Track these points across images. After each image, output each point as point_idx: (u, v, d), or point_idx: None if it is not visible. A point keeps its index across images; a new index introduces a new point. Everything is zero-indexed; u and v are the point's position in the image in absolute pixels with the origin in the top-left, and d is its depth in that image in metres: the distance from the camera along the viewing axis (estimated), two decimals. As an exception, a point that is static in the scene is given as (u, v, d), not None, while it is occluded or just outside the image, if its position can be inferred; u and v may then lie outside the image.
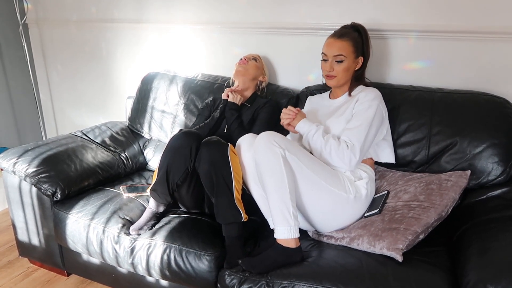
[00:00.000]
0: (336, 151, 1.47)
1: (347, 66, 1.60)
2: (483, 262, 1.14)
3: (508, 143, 1.53)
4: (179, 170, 1.53)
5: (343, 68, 1.59)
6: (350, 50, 1.58)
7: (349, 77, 1.64)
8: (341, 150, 1.47)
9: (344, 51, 1.58)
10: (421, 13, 1.77)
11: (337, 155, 1.47)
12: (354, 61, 1.61)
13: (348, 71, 1.61)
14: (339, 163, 1.49)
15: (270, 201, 1.38)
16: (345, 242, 1.41)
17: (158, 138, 2.27)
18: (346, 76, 1.62)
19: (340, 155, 1.47)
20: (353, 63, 1.61)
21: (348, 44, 1.58)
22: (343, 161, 1.48)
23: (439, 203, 1.38)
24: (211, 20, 2.26)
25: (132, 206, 1.73)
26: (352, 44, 1.59)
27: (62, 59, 2.93)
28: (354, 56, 1.60)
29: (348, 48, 1.58)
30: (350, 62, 1.60)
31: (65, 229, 1.70)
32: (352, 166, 1.49)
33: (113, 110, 2.84)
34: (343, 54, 1.58)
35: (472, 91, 1.68)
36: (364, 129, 1.49)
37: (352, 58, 1.60)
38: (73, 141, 2.04)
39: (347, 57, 1.58)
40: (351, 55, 1.59)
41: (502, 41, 1.67)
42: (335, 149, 1.48)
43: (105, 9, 2.59)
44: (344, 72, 1.60)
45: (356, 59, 1.61)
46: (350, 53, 1.59)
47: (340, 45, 1.58)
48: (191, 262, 1.46)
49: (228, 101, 1.88)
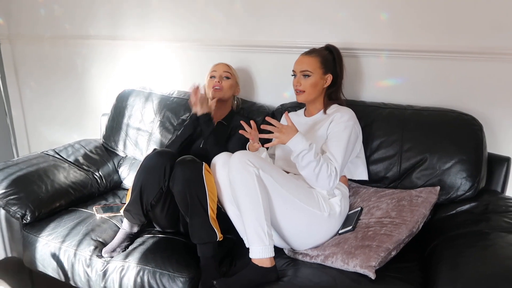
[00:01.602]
0: (326, 169, 1.45)
1: (314, 82, 1.62)
2: (452, 277, 1.16)
3: (476, 159, 1.58)
4: (153, 190, 1.51)
5: (310, 83, 1.62)
6: (317, 66, 1.62)
7: (318, 93, 1.66)
8: (329, 168, 1.46)
9: (310, 67, 1.61)
10: (392, 33, 1.82)
11: (326, 172, 1.45)
12: (321, 77, 1.63)
13: (315, 87, 1.63)
14: (324, 186, 1.49)
15: (244, 220, 1.38)
16: (320, 260, 1.42)
17: (134, 156, 2.24)
18: (314, 91, 1.64)
19: (328, 172, 1.46)
20: (321, 80, 1.63)
21: (315, 60, 1.62)
22: (330, 179, 1.46)
23: (410, 219, 1.40)
24: (187, 38, 2.27)
25: (105, 227, 1.69)
26: (319, 60, 1.62)
27: (36, 76, 2.88)
28: (322, 72, 1.63)
29: (314, 63, 1.61)
30: (317, 78, 1.62)
31: (35, 253, 1.65)
32: (332, 188, 1.52)
33: (87, 127, 2.80)
34: (309, 69, 1.61)
35: (441, 109, 1.73)
36: (342, 151, 1.50)
37: (319, 74, 1.62)
38: (44, 160, 1.99)
39: (314, 73, 1.61)
40: (318, 71, 1.62)
41: (468, 60, 1.73)
42: (325, 168, 1.45)
43: (79, 25, 2.57)
44: (311, 88, 1.63)
45: (324, 75, 1.63)
46: (317, 69, 1.62)
47: (307, 60, 1.62)
48: (165, 284, 1.44)
49: (199, 115, 1.74)
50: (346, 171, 1.65)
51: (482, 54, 1.69)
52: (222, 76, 1.89)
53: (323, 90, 1.67)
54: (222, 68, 1.92)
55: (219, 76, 1.88)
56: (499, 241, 1.25)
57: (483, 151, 1.60)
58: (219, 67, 1.92)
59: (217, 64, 1.95)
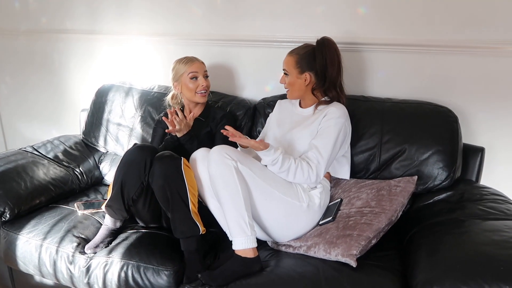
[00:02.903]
0: (301, 174, 1.48)
1: (292, 81, 1.62)
2: (430, 264, 1.20)
3: (452, 150, 1.63)
4: (134, 185, 1.50)
5: (288, 82, 1.63)
6: (292, 66, 1.61)
7: (301, 91, 1.64)
8: (306, 172, 1.47)
9: (287, 66, 1.63)
10: (370, 27, 1.85)
11: (303, 176, 1.48)
12: (298, 77, 1.61)
13: (294, 85, 1.63)
14: (305, 182, 1.51)
15: (226, 213, 1.39)
16: (303, 251, 1.44)
17: (115, 152, 2.22)
18: (295, 90, 1.64)
19: (305, 176, 1.48)
20: (298, 79, 1.61)
21: (291, 59, 1.61)
22: (309, 180, 1.49)
23: (389, 208, 1.44)
24: (167, 32, 2.25)
25: (87, 223, 1.68)
26: (294, 60, 1.60)
27: (11, 71, 2.81)
28: (297, 72, 1.60)
29: (290, 63, 1.61)
30: (294, 77, 1.62)
31: (15, 251, 1.63)
32: (316, 183, 1.54)
33: (67, 123, 2.75)
34: (286, 69, 1.63)
35: (418, 101, 1.77)
36: (330, 148, 1.51)
37: (295, 73, 1.61)
38: (23, 157, 1.95)
39: (290, 73, 1.62)
40: (293, 71, 1.61)
41: (444, 53, 1.77)
42: (300, 173, 1.47)
43: (56, 19, 2.51)
44: (291, 86, 1.64)
45: (300, 74, 1.60)
46: (292, 69, 1.61)
47: (286, 60, 1.64)
48: (150, 278, 1.44)
49: (179, 137, 1.70)
50: (331, 169, 1.67)
51: (457, 48, 1.74)
52: (204, 76, 1.82)
53: (306, 88, 1.63)
54: (202, 67, 1.82)
55: (202, 77, 1.80)
56: (474, 228, 1.30)
57: (459, 142, 1.65)
58: (198, 67, 1.80)
59: (194, 63, 1.80)
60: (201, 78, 1.79)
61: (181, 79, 1.81)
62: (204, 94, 1.81)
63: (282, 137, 1.66)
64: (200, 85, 1.79)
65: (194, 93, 1.79)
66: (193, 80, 1.79)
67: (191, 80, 1.79)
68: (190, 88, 1.79)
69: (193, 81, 1.79)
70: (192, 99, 1.82)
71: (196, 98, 1.81)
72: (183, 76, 1.79)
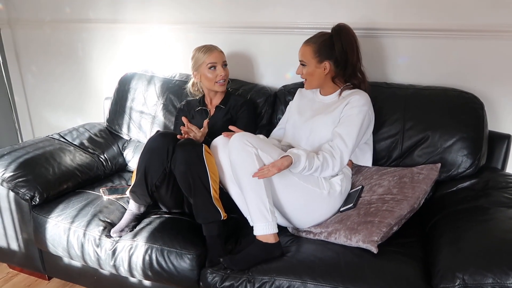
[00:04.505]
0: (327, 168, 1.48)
1: (311, 71, 1.60)
2: (453, 251, 1.19)
3: (477, 137, 1.60)
4: (157, 171, 1.54)
5: (306, 72, 1.61)
6: (310, 56, 1.58)
7: (320, 80, 1.62)
8: (330, 165, 1.48)
9: (304, 57, 1.60)
10: (393, 12, 1.82)
11: (328, 169, 1.49)
12: (317, 66, 1.59)
13: (313, 75, 1.61)
14: (330, 174, 1.52)
15: (247, 199, 1.41)
16: (323, 237, 1.45)
17: (138, 139, 2.27)
18: (314, 79, 1.62)
19: (330, 168, 1.49)
20: (317, 68, 1.59)
21: (309, 49, 1.59)
22: (333, 172, 1.51)
23: (412, 195, 1.43)
24: (188, 20, 2.26)
25: (112, 208, 1.73)
26: (312, 50, 1.58)
27: (37, 61, 2.88)
28: (316, 61, 1.58)
29: (308, 53, 1.59)
30: (312, 67, 1.60)
31: (45, 233, 1.69)
32: (339, 172, 1.54)
33: (91, 111, 2.81)
34: (303, 59, 1.60)
35: (442, 87, 1.74)
36: (354, 136, 1.51)
37: (313, 63, 1.59)
38: (50, 144, 2.02)
39: (308, 63, 1.60)
40: (312, 61, 1.59)
41: (469, 38, 1.73)
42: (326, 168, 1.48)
43: (80, 9, 2.55)
44: (309, 76, 1.62)
45: (319, 64, 1.58)
46: (310, 59, 1.59)
47: (302, 50, 1.61)
48: (173, 261, 1.48)
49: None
50: (353, 156, 1.66)
51: (482, 32, 1.70)
52: (223, 64, 1.81)
53: (325, 77, 1.62)
54: (220, 57, 1.81)
55: (221, 67, 1.80)
56: (499, 215, 1.28)
57: (484, 129, 1.62)
58: (217, 57, 1.80)
59: (213, 53, 1.80)
60: (219, 68, 1.80)
61: (200, 68, 1.82)
62: (223, 83, 1.82)
63: (303, 124, 1.66)
64: (219, 74, 1.79)
65: (214, 82, 1.81)
66: (211, 70, 1.79)
67: (210, 70, 1.79)
68: (209, 77, 1.80)
69: (212, 71, 1.79)
70: (211, 88, 1.83)
71: (215, 87, 1.82)
72: (201, 66, 1.81)
